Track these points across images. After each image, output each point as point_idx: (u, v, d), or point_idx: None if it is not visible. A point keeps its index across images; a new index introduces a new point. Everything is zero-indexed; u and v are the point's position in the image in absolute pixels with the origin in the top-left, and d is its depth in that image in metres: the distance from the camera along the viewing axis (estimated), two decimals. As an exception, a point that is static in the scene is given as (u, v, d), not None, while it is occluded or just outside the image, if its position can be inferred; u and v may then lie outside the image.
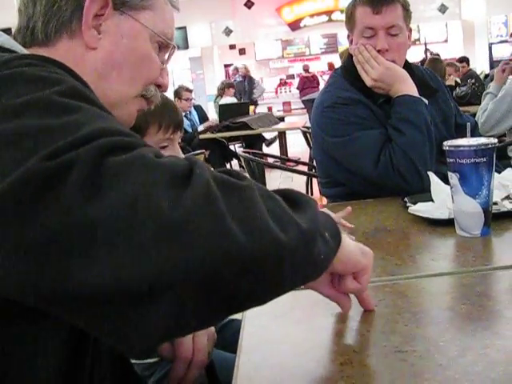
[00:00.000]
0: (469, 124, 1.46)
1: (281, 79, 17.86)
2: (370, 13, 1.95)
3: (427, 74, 2.23)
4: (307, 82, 14.39)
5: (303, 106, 9.30)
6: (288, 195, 0.73)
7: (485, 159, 1.34)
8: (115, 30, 0.95)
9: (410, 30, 2.05)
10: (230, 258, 0.59)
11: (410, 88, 1.98)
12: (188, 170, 0.62)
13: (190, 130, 7.07)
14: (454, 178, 1.38)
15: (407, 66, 2.07)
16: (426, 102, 2.00)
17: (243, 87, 13.71)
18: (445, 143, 1.39)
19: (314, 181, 4.26)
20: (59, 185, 0.58)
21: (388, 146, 1.90)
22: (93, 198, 0.57)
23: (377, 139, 1.92)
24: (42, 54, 0.88)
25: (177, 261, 0.57)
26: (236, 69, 14.37)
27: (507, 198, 1.55)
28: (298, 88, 14.81)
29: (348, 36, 2.09)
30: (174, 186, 0.59)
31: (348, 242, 0.86)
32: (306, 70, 14.84)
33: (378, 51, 1.96)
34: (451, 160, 1.37)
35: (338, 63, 14.80)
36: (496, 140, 1.36)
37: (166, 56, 1.05)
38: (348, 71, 2.11)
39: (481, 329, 0.88)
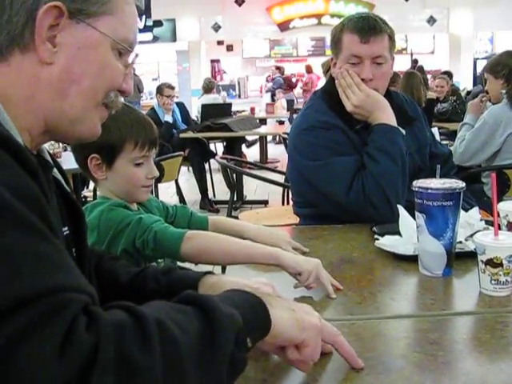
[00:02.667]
0: (438, 166, 1.50)
1: (267, 77, 17.86)
2: (357, 41, 1.97)
3: (406, 101, 2.26)
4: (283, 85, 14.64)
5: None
6: (208, 326, 0.73)
7: (451, 202, 1.37)
8: (72, 41, 0.87)
9: (393, 59, 2.08)
10: None
11: (388, 117, 2.01)
12: (88, 366, 0.61)
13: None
14: (420, 218, 1.41)
15: (387, 93, 2.10)
16: (404, 132, 2.03)
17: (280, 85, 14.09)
18: (414, 183, 1.43)
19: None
20: None
21: (361, 173, 1.93)
22: None
23: (351, 166, 1.95)
24: None
25: None
26: (278, 68, 14.70)
27: (471, 236, 1.58)
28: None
29: (332, 59, 2.11)
30: None
31: (279, 320, 0.87)
32: (281, 72, 14.99)
33: (362, 80, 1.99)
34: (419, 201, 1.40)
35: (318, 67, 14.96)
36: (464, 184, 1.40)
37: (130, 60, 0.97)
38: (328, 94, 2.13)
39: (429, 381, 0.91)
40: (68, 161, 2.62)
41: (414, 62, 13.29)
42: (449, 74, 9.29)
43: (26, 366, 0.59)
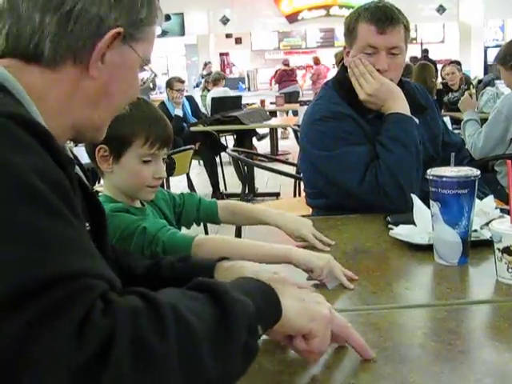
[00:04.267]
0: (453, 154, 1.48)
1: (276, 71, 17.82)
2: (374, 32, 1.95)
3: (418, 90, 2.24)
4: (285, 76, 14.54)
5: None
6: (221, 312, 0.74)
7: (466, 190, 1.36)
8: (117, 61, 0.93)
9: (406, 49, 2.06)
10: None
11: (402, 106, 1.99)
12: (104, 351, 0.62)
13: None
14: (435, 206, 1.40)
15: (399, 82, 2.08)
16: (417, 121, 2.02)
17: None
18: (428, 172, 1.41)
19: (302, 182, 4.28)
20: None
21: (375, 163, 1.91)
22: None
23: (364, 156, 1.93)
24: (40, 73, 0.88)
25: None
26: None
27: (486, 225, 1.57)
28: (276, 81, 14.96)
29: (345, 48, 2.09)
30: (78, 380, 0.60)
31: (290, 309, 0.88)
32: (285, 64, 14.92)
33: (378, 70, 1.97)
34: (433, 189, 1.39)
35: (327, 59, 14.91)
36: (479, 172, 1.38)
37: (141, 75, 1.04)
38: (340, 84, 2.11)
39: (448, 371, 0.91)
40: (79, 156, 2.61)
41: (424, 51, 13.21)
42: (458, 64, 9.22)
43: (46, 346, 0.60)
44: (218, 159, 6.95)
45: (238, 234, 3.43)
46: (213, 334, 0.71)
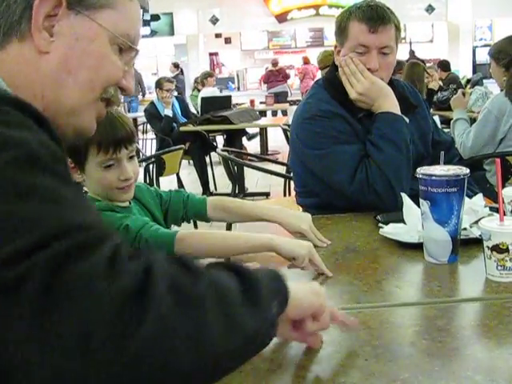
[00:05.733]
0: (442, 153, 1.49)
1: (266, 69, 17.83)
2: (365, 31, 1.95)
3: (408, 89, 2.25)
4: (272, 76, 14.65)
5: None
6: (242, 283, 0.72)
7: (456, 189, 1.37)
8: (69, 32, 0.87)
9: (397, 49, 2.06)
10: (175, 377, 0.61)
11: (392, 105, 2.00)
12: (143, 286, 0.61)
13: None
14: (424, 205, 1.41)
15: (389, 81, 2.09)
16: (408, 120, 2.02)
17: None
18: (417, 170, 1.42)
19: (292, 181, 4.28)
20: (13, 296, 0.57)
21: (365, 162, 1.92)
22: (43, 320, 0.56)
23: (354, 155, 1.94)
24: None
25: None
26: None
27: (476, 223, 1.58)
28: (264, 81, 15.03)
29: (335, 47, 2.10)
30: (121, 321, 0.58)
31: (297, 289, 0.88)
32: (274, 63, 14.97)
33: (368, 69, 1.97)
34: (423, 188, 1.40)
35: (315, 59, 14.84)
36: (468, 171, 1.39)
37: (131, 56, 0.97)
38: (330, 83, 2.12)
39: (438, 368, 0.91)
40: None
41: (412, 53, 13.23)
42: (445, 64, 9.26)
43: (82, 274, 0.58)
44: (208, 159, 6.96)
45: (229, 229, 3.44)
46: (242, 300, 0.70)
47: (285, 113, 11.37)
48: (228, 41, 17.95)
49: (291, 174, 2.71)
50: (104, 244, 0.62)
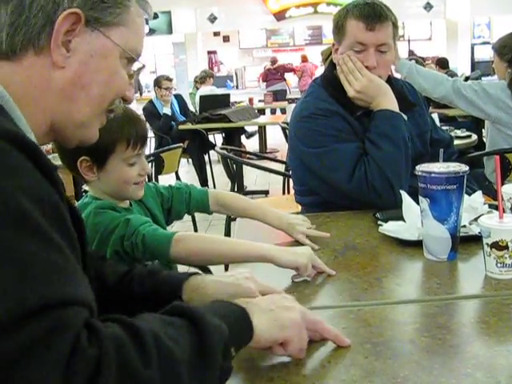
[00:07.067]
0: (441, 150, 1.49)
1: (264, 68, 17.82)
2: (363, 28, 1.95)
3: (406, 87, 2.25)
4: (269, 75, 14.69)
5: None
6: (198, 338, 0.76)
7: (455, 186, 1.37)
8: (85, 48, 0.89)
9: (395, 46, 2.06)
10: None
11: (391, 103, 2.00)
12: (93, 376, 0.63)
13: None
14: (424, 202, 1.41)
15: (387, 79, 2.09)
16: (406, 118, 2.02)
17: None
18: (417, 168, 1.42)
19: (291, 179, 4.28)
20: None
21: (364, 160, 1.92)
22: None
23: (353, 153, 1.94)
24: (6, 67, 0.85)
25: None
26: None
27: (475, 220, 1.58)
28: (263, 80, 15.06)
29: (333, 45, 2.09)
30: None
31: (261, 325, 0.90)
32: (272, 62, 14.98)
33: (366, 67, 1.97)
34: (422, 185, 1.40)
35: (314, 56, 14.88)
36: (467, 168, 1.39)
37: (134, 69, 1.00)
38: (328, 81, 2.12)
39: (438, 365, 0.91)
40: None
41: (411, 53, 13.22)
42: (444, 61, 9.25)
43: (34, 377, 0.61)
44: (206, 157, 6.95)
45: (227, 231, 3.44)
46: (191, 359, 0.74)
47: (283, 111, 11.35)
48: (226, 39, 17.95)
49: (290, 172, 2.71)
50: (64, 333, 0.64)
